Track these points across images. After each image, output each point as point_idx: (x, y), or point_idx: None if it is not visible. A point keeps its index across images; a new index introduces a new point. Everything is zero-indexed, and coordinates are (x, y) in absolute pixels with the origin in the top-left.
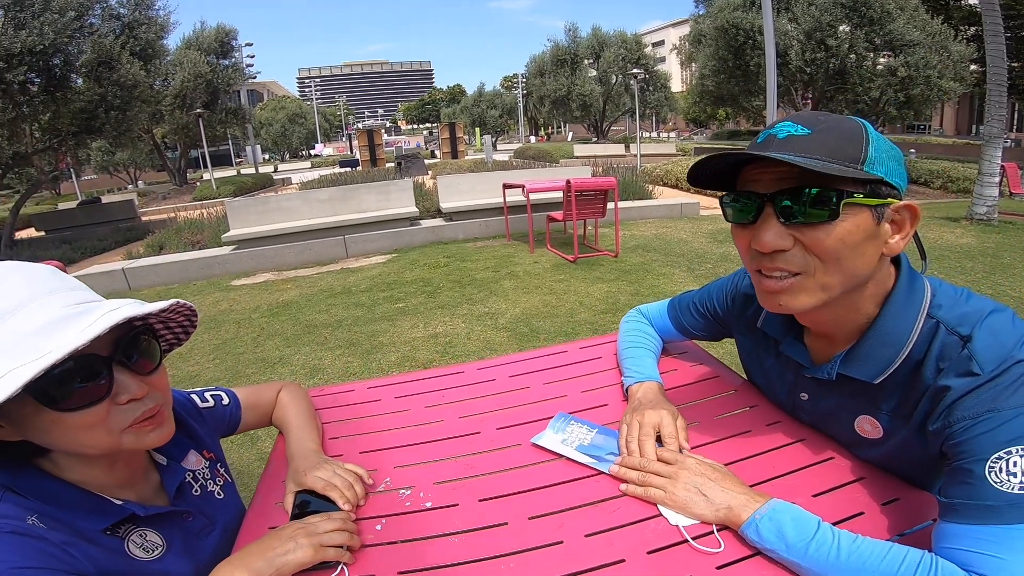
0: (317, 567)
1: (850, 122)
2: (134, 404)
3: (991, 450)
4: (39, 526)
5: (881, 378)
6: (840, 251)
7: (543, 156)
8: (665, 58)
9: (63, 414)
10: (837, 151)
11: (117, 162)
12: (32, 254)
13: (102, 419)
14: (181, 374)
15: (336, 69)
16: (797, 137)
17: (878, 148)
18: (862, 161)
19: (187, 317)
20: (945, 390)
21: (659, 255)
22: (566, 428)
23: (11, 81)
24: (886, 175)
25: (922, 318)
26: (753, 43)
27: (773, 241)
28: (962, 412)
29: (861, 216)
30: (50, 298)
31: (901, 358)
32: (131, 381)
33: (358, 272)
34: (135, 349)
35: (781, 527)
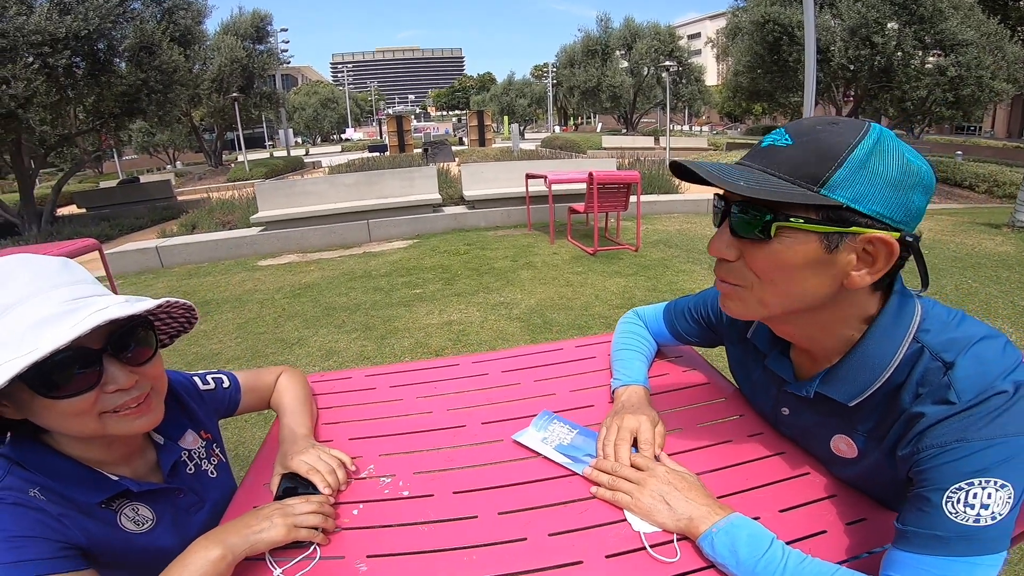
0: (291, 546)
1: (842, 135)
2: (121, 393)
3: (952, 480)
4: (39, 498)
5: (856, 400)
6: (773, 273)
7: (570, 146)
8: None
9: (53, 401)
10: (799, 169)
11: (157, 143)
12: (72, 230)
13: (90, 406)
14: (205, 351)
15: (369, 55)
16: (776, 148)
17: (862, 170)
18: (822, 183)
19: (188, 310)
20: (919, 416)
21: (681, 251)
22: (548, 427)
23: (55, 65)
24: (856, 201)
25: (907, 342)
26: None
27: (717, 248)
28: (931, 440)
29: (802, 241)
30: (51, 293)
31: (879, 382)
32: (120, 372)
33: (379, 256)
34: (129, 341)
35: (735, 542)
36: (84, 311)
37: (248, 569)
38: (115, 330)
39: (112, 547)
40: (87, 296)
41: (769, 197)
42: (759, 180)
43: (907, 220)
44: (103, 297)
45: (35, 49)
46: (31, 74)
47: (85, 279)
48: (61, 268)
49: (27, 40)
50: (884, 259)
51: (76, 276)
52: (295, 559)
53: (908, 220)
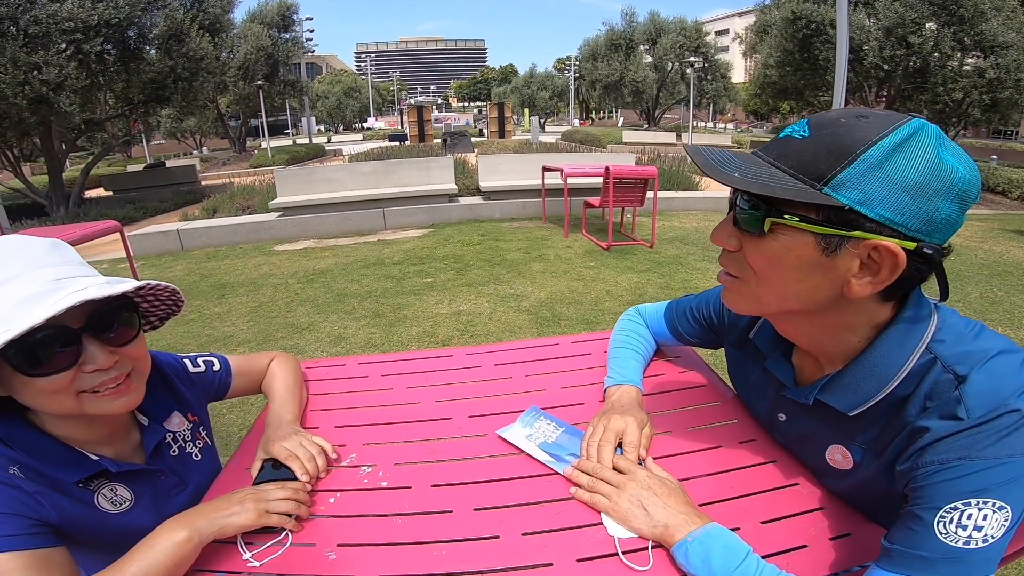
0: (264, 531)
1: (864, 130)
2: (99, 373)
3: (949, 499)
4: (18, 476)
5: (857, 411)
6: (765, 270)
7: (590, 140)
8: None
9: (31, 379)
10: (807, 163)
11: (184, 129)
12: (98, 212)
13: (67, 385)
14: (217, 333)
15: (392, 45)
16: (791, 140)
17: (876, 170)
18: (826, 180)
19: (173, 293)
20: (923, 431)
21: (696, 249)
22: (534, 423)
23: (88, 51)
24: (863, 204)
25: (919, 352)
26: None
27: (719, 236)
28: (933, 456)
29: (797, 239)
30: (36, 273)
31: (884, 393)
32: (100, 352)
33: (393, 244)
34: (114, 321)
35: (709, 553)
36: (63, 291)
37: (219, 552)
38: (96, 310)
39: (86, 526)
40: (70, 277)
41: (760, 191)
42: (760, 173)
43: (928, 230)
44: (85, 278)
45: (67, 36)
46: (63, 60)
47: (72, 260)
48: (50, 249)
49: (60, 27)
50: (888, 270)
51: (64, 258)
52: (266, 544)
53: (930, 230)
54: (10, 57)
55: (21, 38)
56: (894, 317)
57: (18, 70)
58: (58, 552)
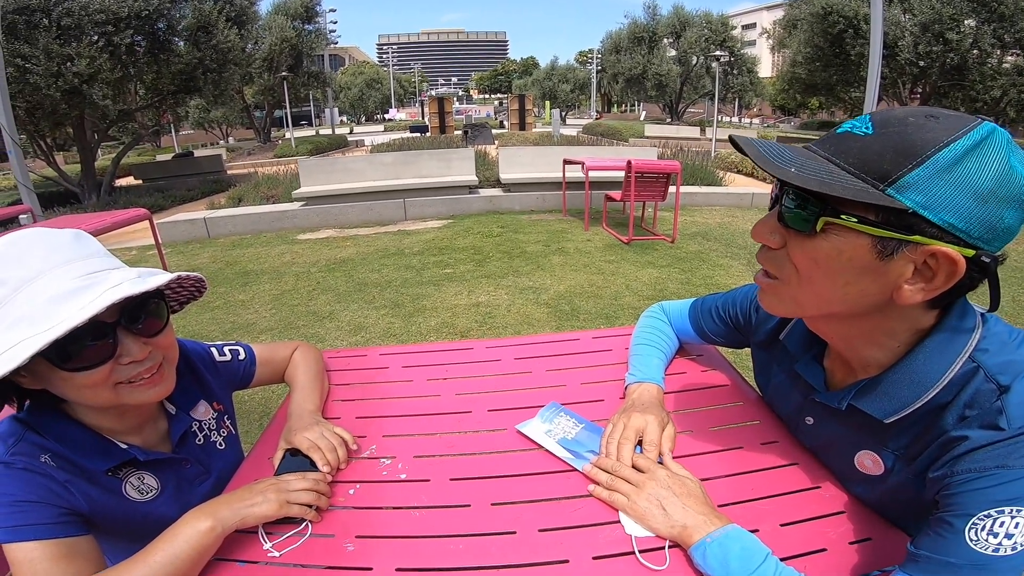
0: (284, 521)
1: (933, 131)
2: (135, 364)
3: (983, 507)
4: (49, 464)
5: (893, 418)
6: (810, 271)
7: (612, 133)
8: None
9: (71, 374)
10: (870, 162)
11: (212, 119)
12: (128, 200)
13: (105, 378)
14: (241, 320)
15: (414, 37)
16: (852, 136)
17: (946, 174)
18: (890, 181)
19: (198, 281)
20: (961, 440)
21: (719, 245)
22: (554, 419)
23: (118, 43)
24: (927, 207)
25: (961, 361)
26: (856, 31)
27: (761, 232)
28: (969, 464)
29: (851, 241)
30: (66, 268)
31: (922, 401)
32: (134, 344)
33: (413, 235)
34: (141, 313)
35: (727, 555)
36: (99, 287)
37: (240, 541)
38: (128, 303)
39: (114, 514)
40: (100, 271)
41: (819, 188)
42: (817, 169)
43: (988, 238)
44: (116, 271)
45: (99, 28)
46: (95, 52)
47: (97, 252)
48: (74, 242)
49: (92, 19)
50: (945, 277)
51: (89, 250)
52: (286, 534)
53: (990, 238)
54: (43, 49)
55: (54, 30)
56: (937, 324)
57: (51, 62)
58: (85, 541)
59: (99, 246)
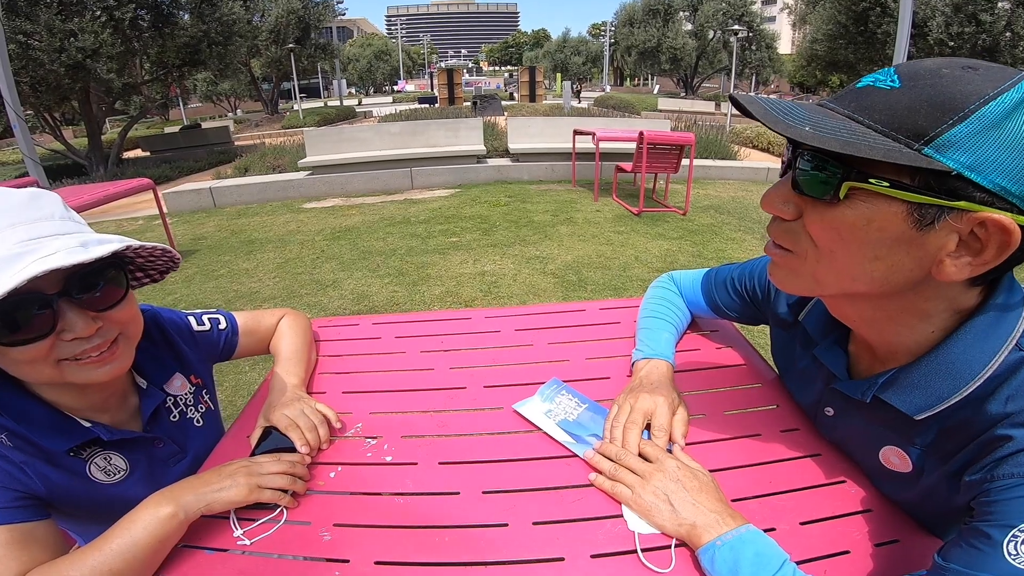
0: (258, 506)
1: (974, 83)
2: (80, 341)
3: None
4: (6, 444)
5: (926, 414)
6: (832, 243)
7: (624, 106)
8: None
9: (5, 348)
10: (901, 118)
11: (220, 92)
12: (135, 171)
13: (43, 354)
14: (244, 289)
15: (423, 8)
16: (876, 90)
17: (994, 130)
18: (927, 140)
19: (166, 252)
20: (1005, 440)
21: (732, 218)
22: (555, 398)
23: (121, 18)
24: (973, 169)
25: (1008, 349)
26: (883, 9)
27: (771, 202)
28: (1012, 468)
29: (882, 209)
30: (7, 233)
31: (961, 395)
32: (79, 319)
33: (420, 204)
34: (97, 281)
35: (739, 561)
36: (33, 254)
37: (209, 526)
38: (74, 272)
39: (77, 497)
40: (44, 236)
41: (842, 149)
42: (837, 127)
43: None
44: (62, 237)
45: (101, 3)
46: (98, 27)
47: (53, 215)
48: (26, 203)
49: None
50: (996, 250)
51: (43, 212)
52: (259, 520)
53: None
54: (45, 25)
55: (55, 6)
56: (980, 304)
57: (54, 37)
58: (42, 526)
59: (59, 208)
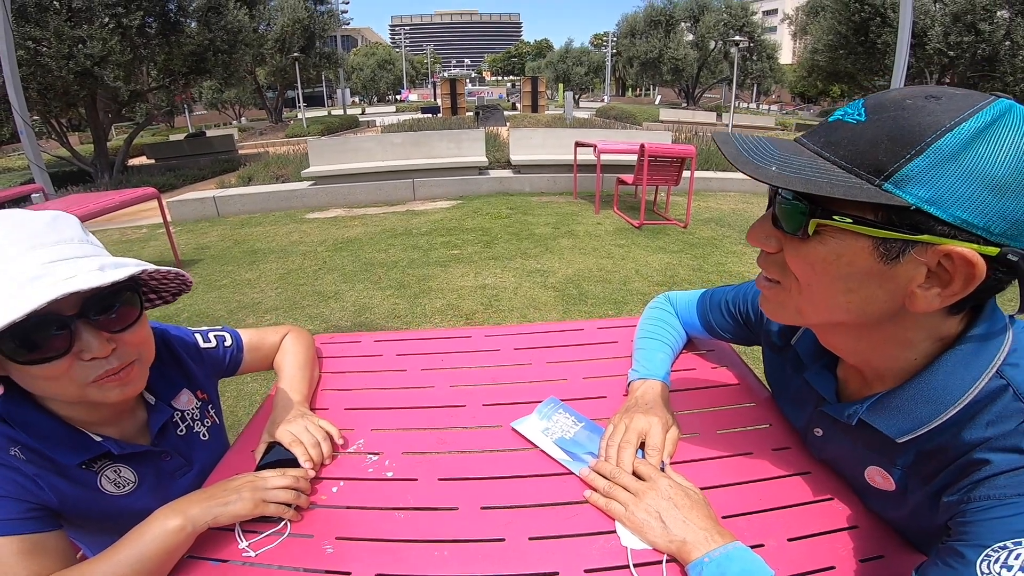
0: (263, 519)
1: (935, 114)
2: (99, 361)
3: (999, 537)
4: (19, 457)
5: (907, 438)
6: (808, 277)
7: (626, 117)
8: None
9: (24, 366)
10: (863, 154)
11: (225, 100)
12: (140, 179)
13: (64, 372)
14: (246, 300)
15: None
16: (842, 124)
17: (951, 162)
18: (887, 175)
19: (178, 275)
20: (982, 464)
21: (732, 231)
22: (552, 416)
23: (128, 25)
24: (934, 203)
25: (987, 376)
26: (883, 19)
27: (755, 236)
28: (988, 490)
29: (849, 244)
30: (30, 255)
31: (940, 420)
32: (94, 340)
33: (422, 215)
34: (109, 306)
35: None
36: (52, 276)
37: (215, 538)
38: (93, 295)
39: (88, 508)
40: (63, 259)
41: (803, 188)
42: (804, 165)
43: (1013, 232)
44: (81, 260)
45: (110, 10)
46: (106, 34)
47: (72, 238)
48: (47, 226)
49: (102, 1)
50: (963, 282)
51: (63, 235)
52: (263, 533)
53: (1015, 233)
54: (54, 31)
55: (64, 12)
56: (961, 333)
57: (62, 44)
58: (53, 537)
59: (78, 231)
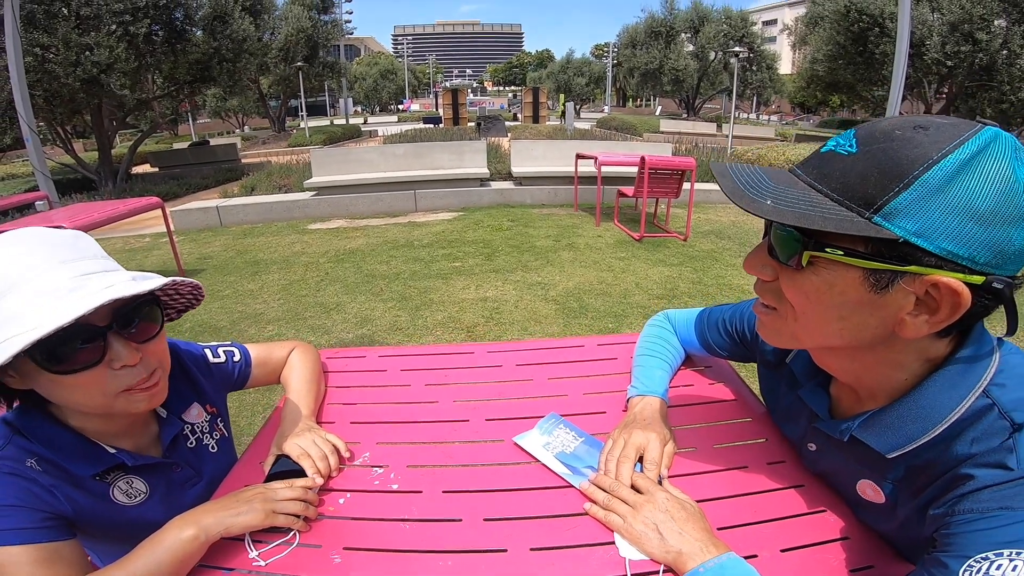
0: (272, 529)
1: (922, 146)
2: (128, 370)
3: (981, 548)
4: (35, 468)
5: (897, 453)
6: (803, 306)
7: (627, 128)
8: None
9: (59, 376)
10: (854, 187)
11: (228, 108)
12: (143, 188)
13: (95, 382)
14: (249, 310)
15: (429, 28)
16: (835, 156)
17: (937, 195)
18: (876, 208)
19: (195, 288)
20: (966, 479)
21: (732, 244)
22: (553, 431)
23: (135, 33)
24: (921, 235)
25: (974, 396)
26: (881, 29)
27: (752, 265)
28: (972, 504)
29: (841, 274)
30: (60, 269)
31: (929, 437)
32: (124, 349)
33: (423, 227)
34: (134, 317)
35: None
36: (90, 287)
37: (225, 548)
38: (121, 307)
39: (101, 518)
40: (94, 272)
41: (796, 222)
42: (798, 197)
43: (998, 262)
44: (111, 273)
45: (117, 18)
46: (113, 41)
47: (95, 254)
48: (71, 243)
49: (110, 8)
50: (949, 309)
51: (85, 252)
52: (273, 543)
53: (1000, 262)
54: (62, 38)
55: (73, 19)
56: (950, 355)
57: (70, 51)
58: (68, 545)
59: (98, 248)
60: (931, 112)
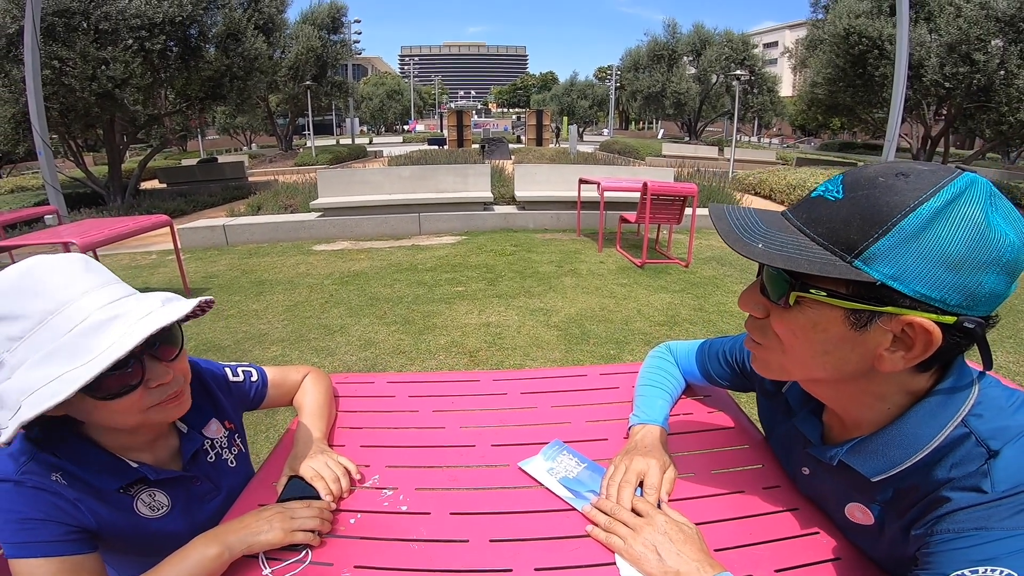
0: (284, 548)
1: (901, 194)
2: (162, 387)
3: (957, 566)
4: (60, 482)
5: (881, 477)
6: (791, 341)
7: (629, 151)
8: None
9: (105, 402)
10: (838, 232)
11: (236, 125)
12: (151, 204)
13: (134, 402)
14: (253, 331)
15: (435, 49)
16: (824, 201)
17: (912, 242)
18: (857, 252)
19: (208, 303)
20: (944, 501)
21: (734, 270)
22: (556, 457)
23: (151, 49)
24: (897, 279)
25: (953, 425)
26: (880, 52)
27: (746, 303)
28: (949, 524)
29: (824, 313)
30: (88, 297)
31: (911, 462)
32: (159, 368)
33: (427, 250)
34: (161, 338)
35: None
36: (129, 317)
37: (239, 564)
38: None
39: (124, 531)
40: (121, 298)
41: (784, 265)
42: (786, 242)
43: (970, 304)
44: (142, 300)
45: (134, 33)
46: (129, 56)
47: (110, 280)
48: (86, 269)
49: (128, 24)
50: (923, 346)
51: (104, 277)
52: (286, 561)
53: (971, 304)
54: (80, 52)
55: (91, 33)
56: (931, 387)
57: (87, 65)
58: (90, 559)
59: (108, 272)
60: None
